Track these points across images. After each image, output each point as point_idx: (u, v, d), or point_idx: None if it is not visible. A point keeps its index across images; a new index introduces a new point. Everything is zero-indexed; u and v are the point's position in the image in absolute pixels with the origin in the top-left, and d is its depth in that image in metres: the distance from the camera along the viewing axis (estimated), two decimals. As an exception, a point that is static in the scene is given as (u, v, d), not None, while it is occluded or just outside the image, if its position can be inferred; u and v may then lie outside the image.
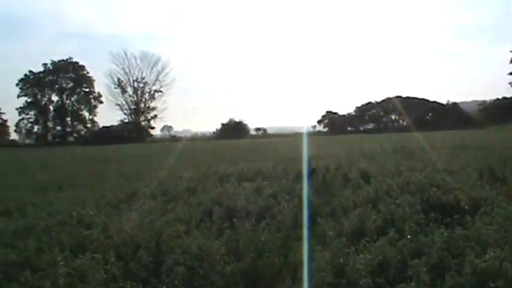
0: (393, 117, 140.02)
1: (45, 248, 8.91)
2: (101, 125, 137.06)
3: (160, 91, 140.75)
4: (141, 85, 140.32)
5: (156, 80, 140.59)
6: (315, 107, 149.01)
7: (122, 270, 7.38)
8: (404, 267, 6.91)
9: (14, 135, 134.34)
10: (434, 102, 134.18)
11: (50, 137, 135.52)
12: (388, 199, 11.67)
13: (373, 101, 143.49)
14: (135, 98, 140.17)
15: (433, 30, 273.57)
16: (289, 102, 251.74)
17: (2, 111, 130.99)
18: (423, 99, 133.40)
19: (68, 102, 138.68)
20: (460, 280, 6.30)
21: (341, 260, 7.24)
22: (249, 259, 7.66)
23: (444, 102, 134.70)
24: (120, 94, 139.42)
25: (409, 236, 8.18)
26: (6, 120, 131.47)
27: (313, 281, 6.75)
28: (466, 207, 10.52)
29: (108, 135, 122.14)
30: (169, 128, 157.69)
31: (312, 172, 17.52)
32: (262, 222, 9.91)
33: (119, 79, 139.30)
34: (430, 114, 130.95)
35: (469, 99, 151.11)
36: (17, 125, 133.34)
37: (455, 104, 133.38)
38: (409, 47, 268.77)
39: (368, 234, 8.77)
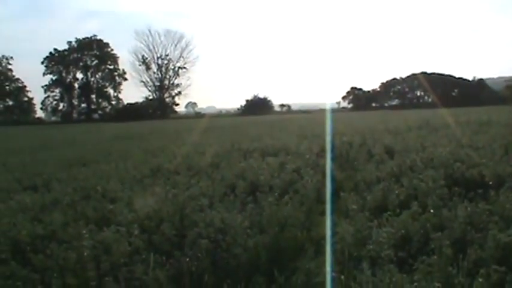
0: (418, 93, 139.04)
1: (70, 221, 9.05)
2: (125, 102, 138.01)
3: (185, 68, 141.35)
4: (165, 62, 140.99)
5: (180, 56, 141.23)
6: (339, 83, 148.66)
7: (146, 243, 7.45)
8: (426, 241, 6.90)
9: (40, 113, 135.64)
10: (460, 78, 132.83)
11: (75, 115, 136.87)
12: (412, 174, 11.62)
13: (398, 77, 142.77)
14: (159, 75, 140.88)
15: (460, 5, 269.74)
16: (313, 79, 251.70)
17: (28, 89, 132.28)
18: (449, 75, 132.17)
19: (92, 79, 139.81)
20: (483, 254, 6.28)
21: (364, 234, 7.25)
22: (272, 233, 7.69)
23: (470, 78, 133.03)
24: (145, 71, 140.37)
25: (432, 210, 8.15)
26: (32, 98, 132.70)
27: (335, 254, 6.77)
28: (490, 183, 10.46)
29: (133, 112, 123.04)
30: (193, 104, 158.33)
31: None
32: (285, 196, 9.92)
33: (143, 56, 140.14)
34: (455, 90, 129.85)
35: (496, 75, 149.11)
36: (42, 102, 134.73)
37: (481, 80, 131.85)
38: (435, 22, 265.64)
39: (391, 209, 8.75)
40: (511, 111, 49.84)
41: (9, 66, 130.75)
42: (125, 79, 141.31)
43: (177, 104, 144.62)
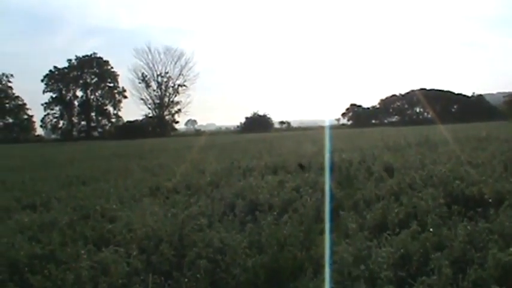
0: (418, 109, 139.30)
1: (69, 241, 9.03)
2: (125, 120, 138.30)
3: (184, 85, 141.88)
4: (165, 79, 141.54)
5: (179, 74, 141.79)
6: (338, 99, 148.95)
7: (144, 264, 7.43)
8: (426, 261, 6.88)
9: (39, 131, 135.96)
10: (459, 94, 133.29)
11: (75, 132, 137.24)
12: (411, 192, 11.60)
13: (397, 93, 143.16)
14: (159, 93, 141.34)
15: (457, 21, 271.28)
16: (313, 96, 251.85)
17: (28, 106, 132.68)
18: (448, 92, 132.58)
19: (92, 97, 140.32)
20: (483, 274, 6.25)
21: (363, 253, 7.23)
22: (271, 252, 7.66)
23: (469, 94, 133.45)
24: (144, 89, 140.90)
25: (431, 229, 8.12)
26: (32, 116, 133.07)
27: (335, 274, 6.75)
28: (490, 200, 10.41)
29: (133, 129, 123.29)
30: (193, 122, 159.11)
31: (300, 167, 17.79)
32: (285, 215, 9.93)
33: (143, 74, 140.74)
34: (455, 106, 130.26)
35: (494, 91, 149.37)
36: (42, 120, 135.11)
37: (480, 96, 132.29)
38: (433, 39, 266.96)
39: (390, 228, 8.75)
40: (509, 126, 49.88)
41: (10, 84, 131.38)
42: (125, 97, 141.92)
43: (177, 122, 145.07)
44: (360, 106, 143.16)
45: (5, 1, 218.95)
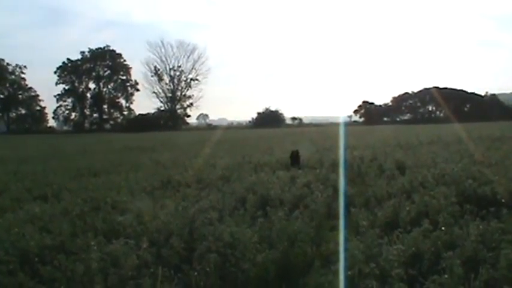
0: (430, 108, 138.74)
1: (79, 232, 9.05)
2: (137, 113, 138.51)
3: (197, 79, 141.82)
4: (178, 73, 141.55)
5: (192, 68, 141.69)
6: (351, 96, 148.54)
7: (154, 257, 7.42)
8: (437, 260, 6.82)
9: (51, 122, 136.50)
10: (473, 93, 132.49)
11: (87, 124, 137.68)
12: (423, 190, 11.52)
13: (410, 91, 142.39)
14: (172, 86, 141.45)
15: (472, 20, 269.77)
16: (325, 92, 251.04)
17: (41, 98, 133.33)
18: (461, 90, 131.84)
19: (104, 89, 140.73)
20: (495, 274, 6.20)
21: (374, 251, 7.18)
22: (281, 248, 7.64)
23: (483, 93, 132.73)
24: (157, 82, 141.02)
25: (443, 228, 8.06)
26: (44, 107, 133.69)
27: (345, 271, 6.70)
28: (503, 200, 10.34)
29: (144, 122, 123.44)
30: (205, 116, 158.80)
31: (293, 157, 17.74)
32: (296, 211, 9.90)
33: (155, 67, 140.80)
34: (468, 105, 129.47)
35: (508, 91, 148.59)
36: (55, 112, 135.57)
37: (494, 95, 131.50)
38: (448, 37, 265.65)
39: (402, 225, 8.71)
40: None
41: (23, 75, 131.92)
42: (137, 90, 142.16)
43: (189, 116, 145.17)
44: (372, 103, 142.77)
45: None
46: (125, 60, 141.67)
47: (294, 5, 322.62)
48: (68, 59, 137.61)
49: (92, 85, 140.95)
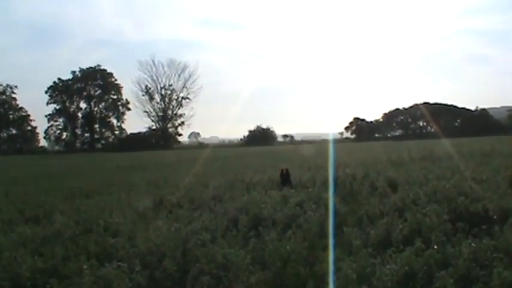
0: (421, 123, 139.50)
1: (71, 255, 9.01)
2: (128, 132, 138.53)
3: (188, 98, 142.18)
4: (169, 92, 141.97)
5: (183, 87, 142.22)
6: (342, 113, 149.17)
7: (147, 279, 7.41)
8: (430, 279, 6.84)
9: (43, 142, 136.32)
10: (463, 108, 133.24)
11: (78, 144, 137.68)
12: (415, 208, 11.53)
13: (400, 107, 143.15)
14: (163, 105, 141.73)
15: (462, 36, 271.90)
16: (316, 109, 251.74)
17: (32, 118, 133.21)
18: (451, 106, 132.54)
19: (96, 109, 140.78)
20: (488, 292, 6.21)
21: (367, 270, 7.18)
22: (275, 269, 7.63)
23: (473, 108, 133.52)
24: (148, 101, 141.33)
25: (436, 247, 8.09)
26: (35, 127, 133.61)
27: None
28: (495, 217, 10.37)
29: (136, 141, 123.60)
30: (196, 134, 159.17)
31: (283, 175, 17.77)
32: (288, 231, 9.89)
33: (146, 86, 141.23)
34: (458, 120, 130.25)
35: (498, 105, 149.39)
36: (46, 131, 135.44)
37: (484, 110, 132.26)
38: (437, 53, 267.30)
39: (394, 244, 8.71)
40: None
41: (14, 95, 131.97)
42: (128, 109, 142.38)
43: (180, 134, 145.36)
44: (363, 120, 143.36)
45: (11, 13, 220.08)
46: (116, 80, 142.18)
47: (285, 24, 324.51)
48: (59, 79, 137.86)
49: (83, 105, 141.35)
